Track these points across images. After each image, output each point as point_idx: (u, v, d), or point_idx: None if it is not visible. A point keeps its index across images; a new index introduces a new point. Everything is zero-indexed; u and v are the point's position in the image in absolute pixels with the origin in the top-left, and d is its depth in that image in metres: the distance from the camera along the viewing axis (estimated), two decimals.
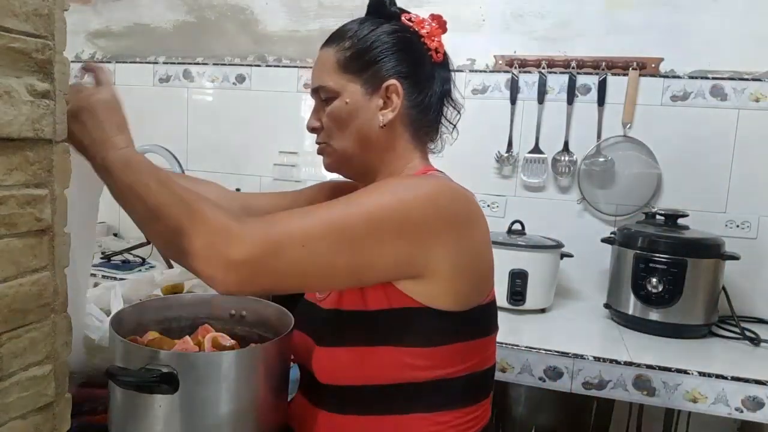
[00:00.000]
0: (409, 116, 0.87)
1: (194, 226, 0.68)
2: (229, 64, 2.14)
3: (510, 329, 1.51)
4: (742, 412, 1.28)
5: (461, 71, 1.89)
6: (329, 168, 0.92)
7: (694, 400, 1.30)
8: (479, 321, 0.83)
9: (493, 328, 0.87)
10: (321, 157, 0.92)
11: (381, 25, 0.88)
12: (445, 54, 0.90)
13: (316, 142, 0.91)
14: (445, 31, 0.91)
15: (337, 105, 0.86)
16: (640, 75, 1.76)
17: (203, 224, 0.68)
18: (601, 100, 1.79)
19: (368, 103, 0.86)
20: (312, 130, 0.90)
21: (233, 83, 2.14)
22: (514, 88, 1.85)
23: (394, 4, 0.91)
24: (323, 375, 0.83)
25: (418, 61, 0.87)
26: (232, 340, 0.91)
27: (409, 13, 0.91)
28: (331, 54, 0.88)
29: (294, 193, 1.12)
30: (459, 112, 0.93)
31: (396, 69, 0.86)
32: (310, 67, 0.94)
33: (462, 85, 1.88)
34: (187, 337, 0.91)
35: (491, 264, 0.85)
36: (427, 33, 0.88)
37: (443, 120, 0.92)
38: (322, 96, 0.88)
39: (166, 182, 0.71)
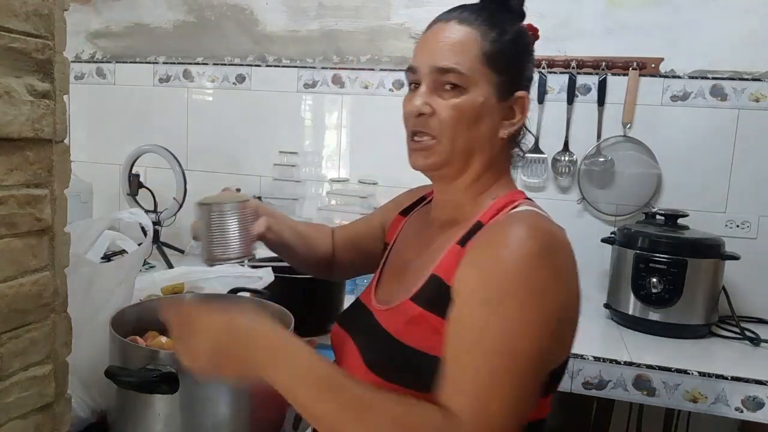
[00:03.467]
0: (517, 134, 0.82)
1: None
2: (229, 64, 2.14)
3: None
4: (742, 412, 1.28)
5: None
6: (426, 165, 0.80)
7: (694, 400, 1.30)
8: (552, 380, 0.75)
9: (557, 386, 0.78)
10: (321, 157, 0.90)
11: (519, 23, 0.81)
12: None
13: (416, 131, 0.79)
14: (537, 39, 0.84)
15: (469, 99, 0.75)
16: (640, 75, 1.76)
17: None
18: (601, 100, 1.79)
19: (497, 108, 0.78)
20: (418, 115, 0.77)
21: (233, 83, 2.14)
22: None
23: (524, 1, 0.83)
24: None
25: (532, 75, 0.81)
26: None
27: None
28: (475, 37, 0.76)
29: (367, 219, 1.08)
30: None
31: (526, 80, 0.80)
32: (311, 67, 0.92)
33: None
34: None
35: (578, 316, 0.75)
36: (536, 40, 0.82)
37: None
38: (452, 80, 0.76)
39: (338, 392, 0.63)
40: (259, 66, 2.11)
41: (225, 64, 2.15)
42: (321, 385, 0.63)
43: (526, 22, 0.84)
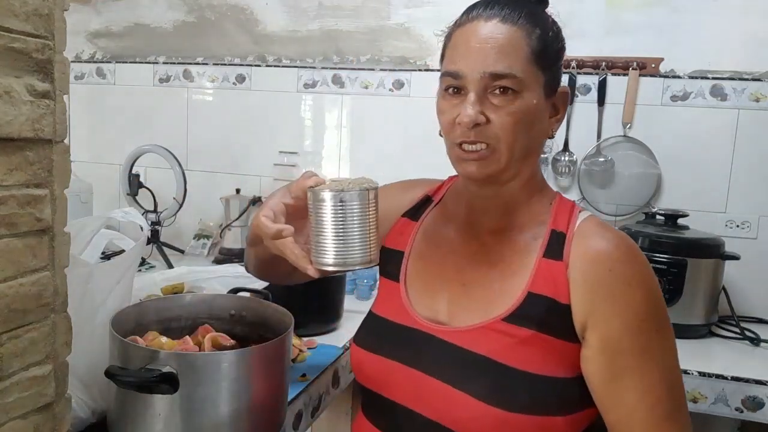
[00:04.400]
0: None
1: None
2: (229, 64, 2.14)
3: None
4: (742, 412, 1.28)
5: None
6: (486, 178, 0.75)
7: (694, 400, 1.29)
8: None
9: None
10: (321, 157, 0.88)
11: (547, 13, 0.79)
12: None
13: (472, 141, 0.73)
14: None
15: (524, 104, 0.72)
16: (640, 75, 1.76)
17: None
18: (601, 100, 1.79)
19: (546, 106, 0.76)
20: (474, 125, 0.72)
21: (233, 83, 2.14)
22: None
23: None
24: (444, 417, 0.72)
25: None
26: (232, 341, 0.91)
27: None
28: (522, 36, 0.73)
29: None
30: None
31: (562, 72, 0.78)
32: (311, 67, 0.90)
33: None
34: (187, 336, 0.92)
35: None
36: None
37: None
38: (505, 85, 0.71)
39: None
40: (259, 66, 2.11)
41: (225, 64, 2.15)
42: None
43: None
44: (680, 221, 1.61)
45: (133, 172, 1.95)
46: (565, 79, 1.79)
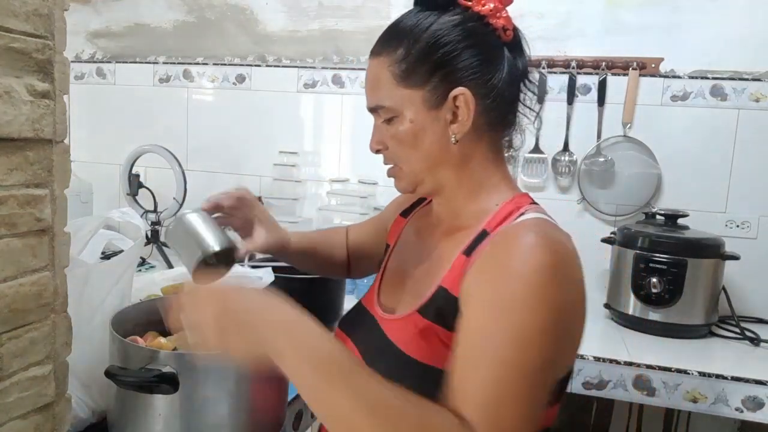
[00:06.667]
0: (485, 120, 0.76)
1: None
2: (229, 64, 2.14)
3: None
4: (742, 412, 1.28)
5: None
6: (403, 191, 0.83)
7: (694, 400, 1.30)
8: (562, 387, 0.74)
9: (564, 393, 0.76)
10: (321, 157, 0.90)
11: (438, 19, 0.74)
12: (514, 29, 0.78)
13: (384, 164, 0.82)
14: (509, 2, 0.77)
15: (400, 126, 0.75)
16: (640, 75, 1.76)
17: None
18: (601, 100, 1.79)
19: (435, 118, 0.75)
20: (376, 152, 0.81)
21: (233, 83, 2.14)
22: None
23: None
24: None
25: (488, 53, 0.75)
26: None
27: None
28: (383, 66, 0.75)
29: (375, 220, 1.09)
30: (536, 94, 0.82)
31: (464, 72, 0.73)
32: (311, 67, 0.91)
33: None
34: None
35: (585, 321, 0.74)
36: (491, 11, 0.75)
37: (523, 108, 0.81)
38: (382, 116, 0.77)
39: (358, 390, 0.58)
40: (259, 66, 2.11)
41: (225, 64, 2.15)
42: (333, 369, 0.58)
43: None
44: (680, 221, 1.61)
45: (133, 172, 1.95)
46: (565, 79, 1.80)
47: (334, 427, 0.59)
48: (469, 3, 0.75)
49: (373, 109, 0.78)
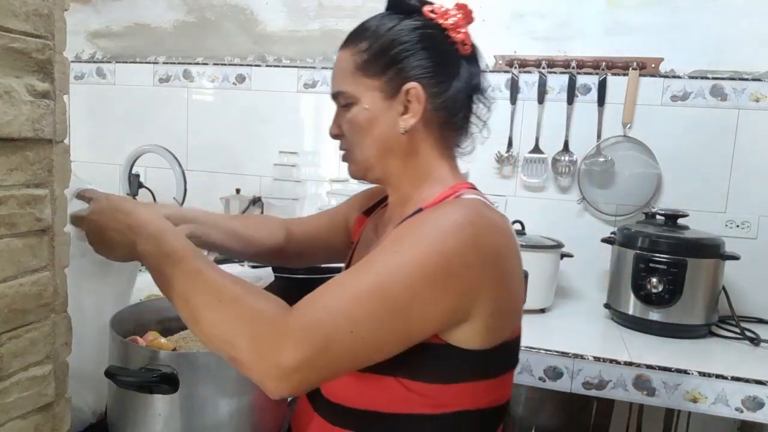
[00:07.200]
0: (435, 119, 0.82)
1: (236, 332, 0.64)
2: (229, 64, 2.14)
3: None
4: (742, 412, 1.28)
5: None
6: (353, 175, 0.88)
7: (694, 400, 1.30)
8: (501, 359, 0.77)
9: (513, 363, 0.81)
10: (321, 157, 0.91)
11: (401, 22, 0.82)
12: (473, 46, 0.84)
13: (339, 149, 0.88)
14: (471, 21, 0.84)
15: (356, 112, 0.82)
16: (640, 75, 1.76)
17: (246, 329, 0.64)
18: (601, 100, 1.79)
19: (388, 108, 0.81)
20: (334, 136, 0.87)
21: (233, 83, 2.14)
22: (514, 88, 1.85)
23: None
24: (325, 388, 0.79)
25: (443, 58, 0.82)
26: None
27: (431, 4, 0.84)
28: (348, 56, 0.83)
29: (330, 213, 1.12)
30: (489, 108, 0.87)
31: (417, 70, 0.80)
32: (311, 67, 0.93)
33: None
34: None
35: (523, 297, 0.81)
36: (452, 25, 0.82)
37: (474, 118, 0.87)
38: (342, 102, 0.84)
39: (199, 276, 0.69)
40: (259, 66, 2.11)
41: (225, 64, 2.15)
42: (185, 267, 0.69)
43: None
44: (680, 221, 1.61)
45: (133, 172, 1.95)
46: (565, 79, 1.80)
47: (180, 306, 0.69)
48: (433, 15, 0.82)
49: (334, 96, 0.85)
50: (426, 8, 0.83)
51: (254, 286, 0.69)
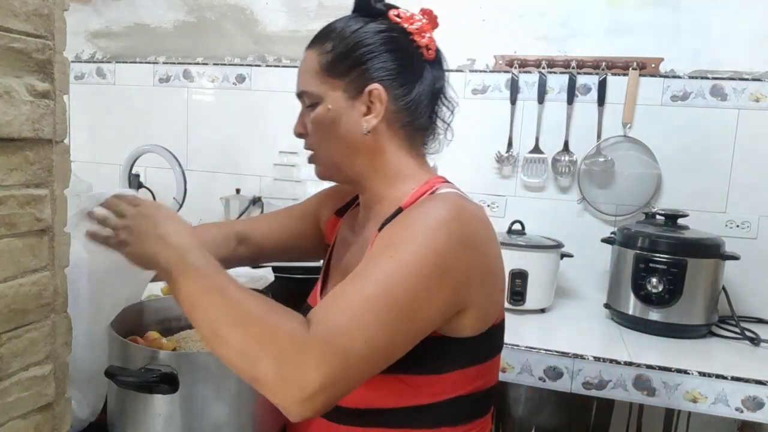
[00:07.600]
0: (399, 119, 0.83)
1: (259, 353, 0.62)
2: (229, 64, 2.14)
3: (510, 329, 1.50)
4: (742, 412, 1.28)
5: (461, 71, 1.89)
6: (321, 176, 0.89)
7: (694, 400, 1.30)
8: (491, 342, 0.81)
9: (500, 346, 0.85)
10: None
11: (367, 24, 0.84)
12: (437, 50, 0.85)
13: (304, 149, 0.88)
14: (436, 26, 0.86)
15: (319, 111, 0.83)
16: (640, 75, 1.76)
17: (268, 350, 0.62)
18: (601, 100, 1.79)
19: (351, 108, 0.82)
20: (298, 135, 0.88)
21: (233, 83, 2.14)
22: (514, 88, 1.85)
23: (380, 0, 0.87)
24: None
25: (406, 61, 0.83)
26: None
27: (397, 8, 0.85)
28: (314, 56, 0.84)
29: (296, 212, 1.10)
30: (452, 111, 0.89)
31: (380, 72, 0.81)
32: None
33: (462, 85, 1.88)
34: (190, 330, 0.92)
35: (505, 279, 0.84)
36: (417, 29, 0.83)
37: (438, 120, 0.88)
38: (306, 101, 0.85)
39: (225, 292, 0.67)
40: (259, 66, 2.11)
41: (225, 64, 2.15)
42: (208, 284, 0.68)
43: (435, 12, 0.86)
44: (680, 221, 1.61)
45: (133, 172, 1.95)
46: (565, 79, 1.80)
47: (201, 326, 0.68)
48: (398, 19, 0.83)
49: (299, 95, 0.86)
50: (392, 12, 0.84)
51: (279, 304, 0.68)
